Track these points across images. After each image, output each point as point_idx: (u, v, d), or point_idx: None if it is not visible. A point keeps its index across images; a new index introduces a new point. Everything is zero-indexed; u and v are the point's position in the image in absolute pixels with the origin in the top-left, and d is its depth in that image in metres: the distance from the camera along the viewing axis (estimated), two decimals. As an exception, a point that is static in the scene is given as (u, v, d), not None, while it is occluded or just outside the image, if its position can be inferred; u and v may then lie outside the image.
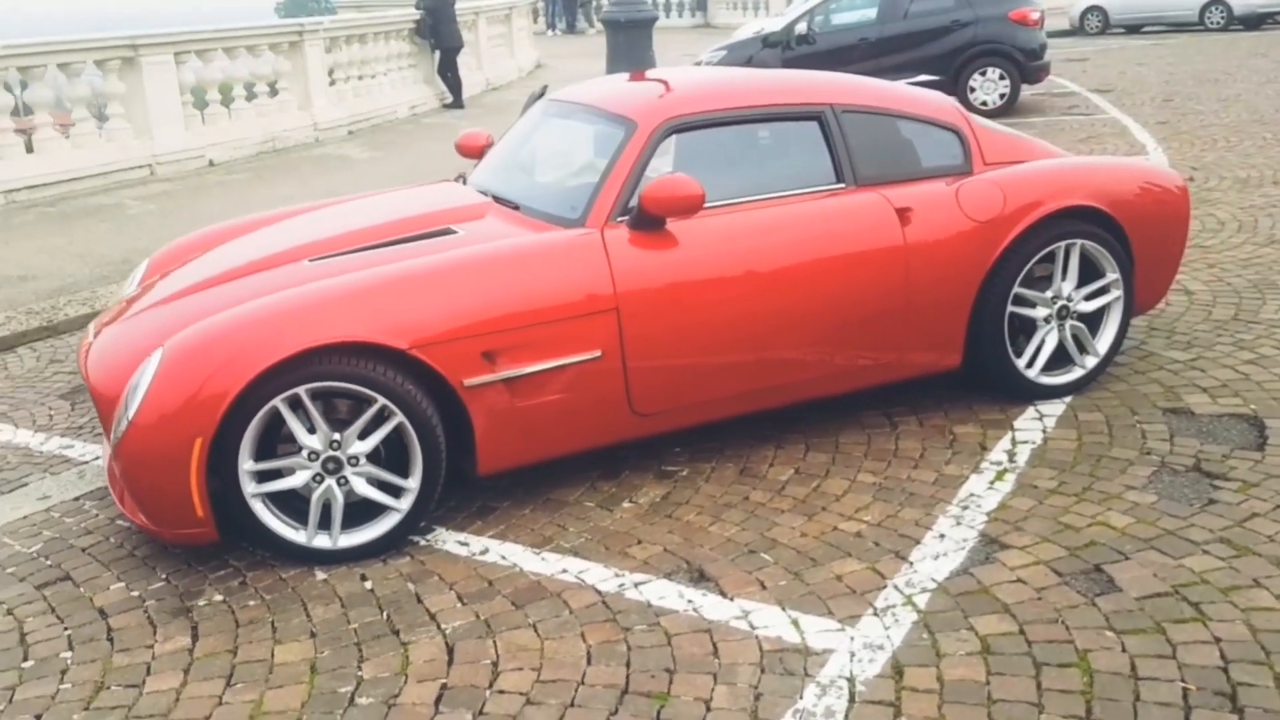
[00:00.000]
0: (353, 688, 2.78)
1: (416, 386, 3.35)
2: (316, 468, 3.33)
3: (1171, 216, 4.57)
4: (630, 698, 2.69)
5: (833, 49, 12.91)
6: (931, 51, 12.75)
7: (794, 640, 2.89)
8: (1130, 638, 2.82)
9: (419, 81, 15.33)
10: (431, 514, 3.67)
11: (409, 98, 14.72)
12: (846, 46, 12.89)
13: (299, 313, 3.28)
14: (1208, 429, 4.03)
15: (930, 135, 4.28)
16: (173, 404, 3.15)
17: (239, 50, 11.69)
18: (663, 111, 3.91)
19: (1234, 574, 3.07)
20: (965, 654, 2.80)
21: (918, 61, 12.73)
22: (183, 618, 3.15)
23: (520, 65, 20.39)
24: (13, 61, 9.40)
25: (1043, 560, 3.22)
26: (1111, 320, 4.44)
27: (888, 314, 4.02)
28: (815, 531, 3.48)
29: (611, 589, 3.20)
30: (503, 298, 3.49)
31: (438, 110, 15.26)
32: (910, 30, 12.91)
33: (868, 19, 13.11)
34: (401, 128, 13.77)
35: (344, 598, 3.22)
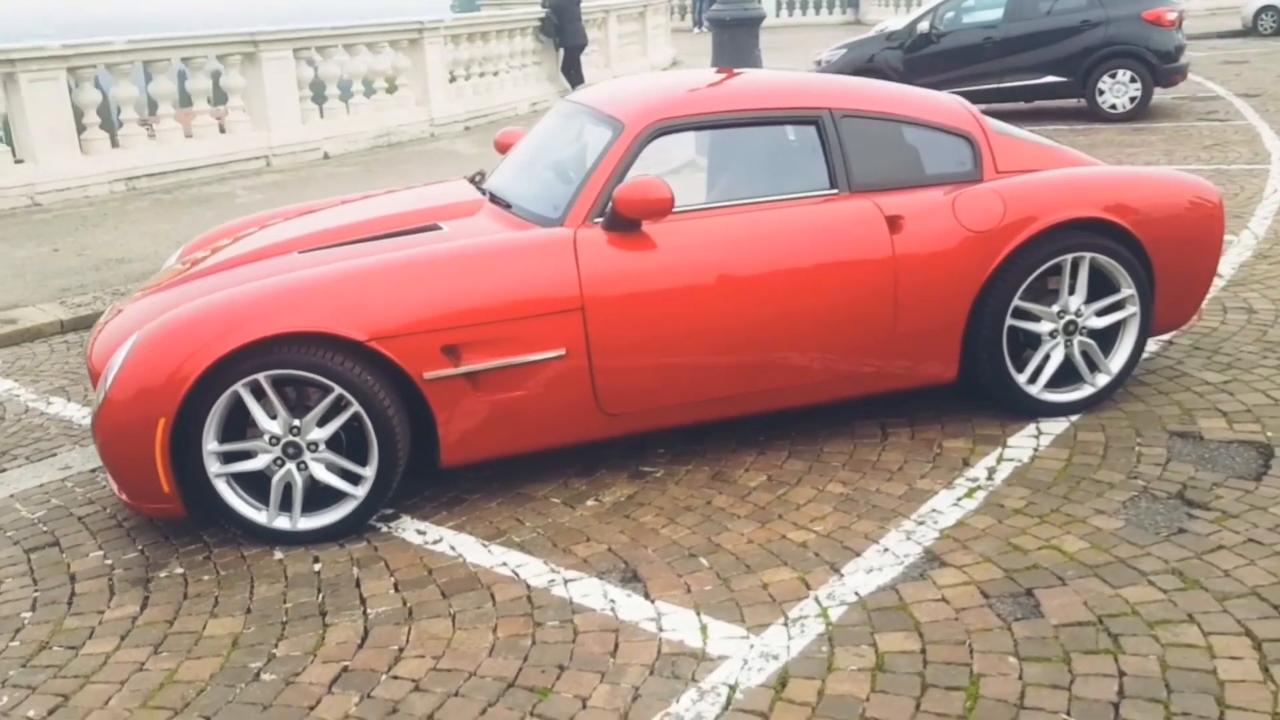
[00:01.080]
0: (262, 664, 2.94)
1: (375, 378, 3.49)
2: (277, 452, 3.51)
3: (1201, 232, 4.32)
4: (514, 690, 2.76)
5: (956, 48, 12.61)
6: (1059, 52, 12.26)
7: (695, 645, 2.91)
8: (1032, 666, 2.73)
9: (542, 79, 15.64)
10: (403, 502, 3.82)
11: (530, 94, 15.03)
12: (970, 46, 12.55)
13: (261, 303, 3.46)
14: (1210, 455, 3.82)
15: (938, 142, 4.18)
16: (139, 385, 3.38)
17: (359, 47, 12.19)
18: (651, 114, 3.94)
19: (1170, 608, 2.93)
20: (856, 669, 2.76)
21: (1044, 62, 12.28)
22: (140, 587, 3.37)
23: (653, 63, 20.53)
24: (139, 56, 10.06)
25: (976, 581, 3.13)
26: (1127, 338, 4.24)
27: (874, 323, 3.95)
28: (762, 539, 3.46)
29: (541, 584, 3.26)
30: (466, 294, 3.60)
31: (558, 107, 15.53)
32: (1038, 30, 12.43)
33: (994, 18, 12.70)
34: (519, 124, 14.07)
35: (290, 577, 3.39)
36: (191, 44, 10.54)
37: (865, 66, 12.94)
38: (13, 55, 9.21)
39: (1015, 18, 12.47)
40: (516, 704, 2.70)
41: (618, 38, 18.61)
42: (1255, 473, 3.68)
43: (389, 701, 2.74)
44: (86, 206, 9.58)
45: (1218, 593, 2.99)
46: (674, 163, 4.15)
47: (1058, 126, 11.84)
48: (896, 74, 12.65)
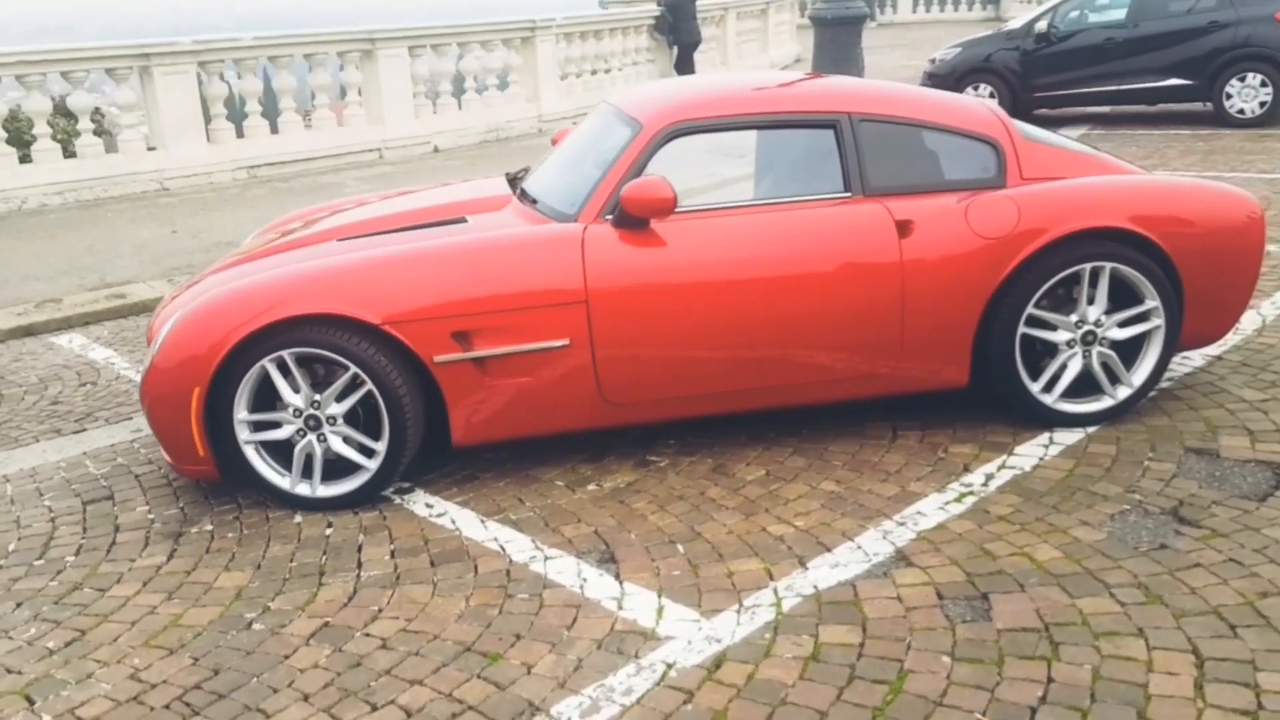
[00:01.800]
0: (256, 614, 3.21)
1: (388, 359, 3.74)
2: (299, 424, 3.80)
3: (1237, 245, 4.22)
4: (469, 654, 2.96)
5: (1076, 49, 12.27)
6: (1185, 54, 11.79)
7: (647, 625, 3.05)
8: (963, 666, 2.78)
9: (655, 76, 15.83)
10: (420, 477, 4.07)
11: (643, 91, 15.23)
12: (1091, 46, 12.19)
13: (287, 287, 3.75)
14: (1221, 474, 3.75)
15: (961, 147, 4.19)
16: (178, 357, 3.71)
17: (472, 45, 12.62)
18: (669, 115, 4.08)
19: (1122, 620, 2.93)
20: (791, 657, 2.86)
21: (1169, 64, 11.84)
22: (171, 540, 3.71)
23: (774, 59, 20.54)
24: (264, 52, 10.68)
25: (935, 582, 3.18)
26: (1151, 351, 4.18)
27: (880, 326, 4.01)
28: (742, 530, 3.58)
29: (522, 560, 3.46)
30: (476, 283, 3.81)
31: (671, 104, 15.71)
32: (1163, 30, 11.99)
33: (1117, 18, 12.30)
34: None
35: (302, 539, 3.67)
36: (313, 41, 11.12)
37: (981, 66, 12.74)
38: (148, 50, 9.91)
39: (1140, 17, 12.04)
40: (467, 666, 2.90)
41: (736, 35, 18.68)
42: (1261, 493, 3.60)
43: (356, 655, 2.97)
44: (210, 192, 10.25)
45: (1177, 609, 2.97)
46: (694, 163, 4.27)
47: (1179, 131, 11.44)
48: (1014, 75, 12.41)
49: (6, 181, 9.44)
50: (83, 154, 9.89)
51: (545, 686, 2.79)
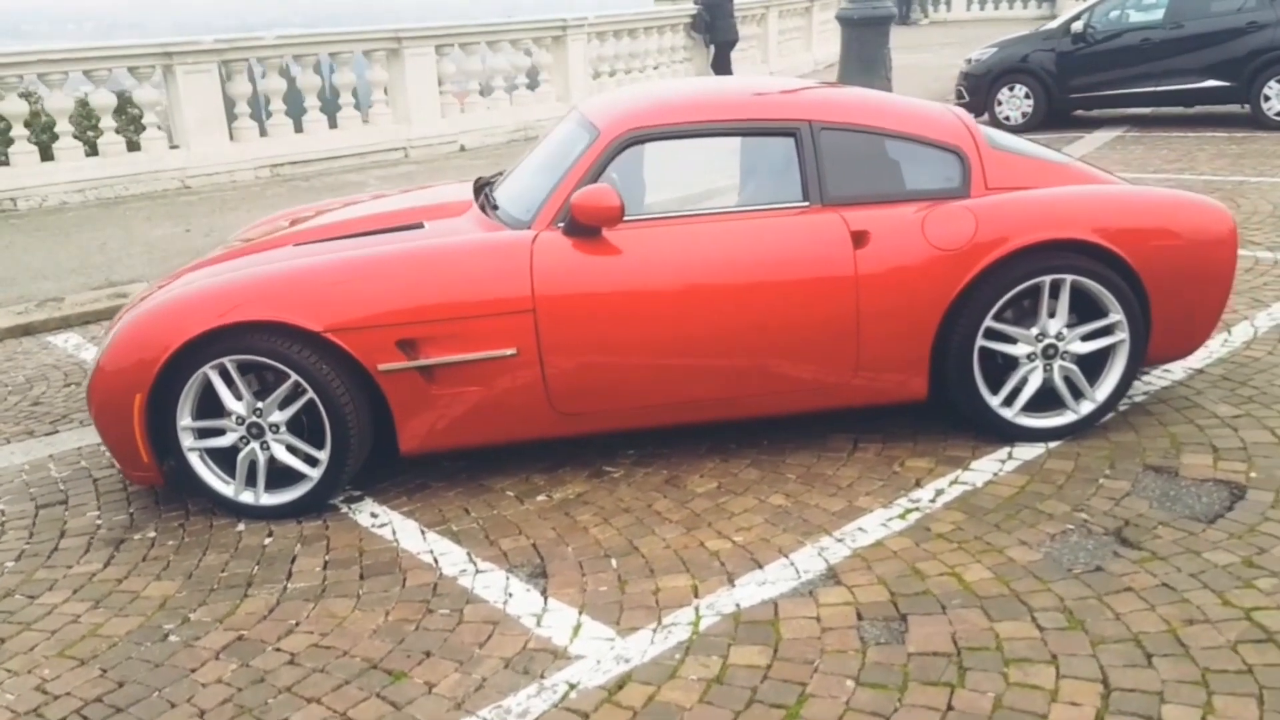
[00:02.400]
0: (175, 625, 3.24)
1: (331, 367, 3.74)
2: (242, 431, 3.82)
3: (1207, 259, 4.09)
4: (374, 672, 2.95)
5: (1113, 50, 12.00)
6: (1223, 55, 11.47)
7: (561, 643, 3.03)
8: (865, 691, 2.73)
9: (692, 74, 15.76)
10: (373, 486, 4.09)
11: (673, 89, 15.17)
12: (1128, 47, 11.91)
13: (229, 293, 3.78)
14: (1175, 493, 3.64)
15: (924, 156, 4.10)
16: (121, 361, 3.76)
17: (502, 43, 12.65)
18: (626, 122, 4.05)
19: (1039, 646, 2.86)
20: (695, 679, 2.82)
21: (1206, 65, 11.53)
22: (111, 547, 3.75)
23: (817, 58, 20.35)
24: (288, 50, 10.79)
25: (858, 602, 3.13)
26: (1115, 365, 4.07)
27: (835, 337, 3.94)
28: (679, 545, 3.54)
29: (453, 573, 3.45)
30: (422, 291, 3.81)
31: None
32: (1200, 31, 11.67)
33: (1154, 18, 12.00)
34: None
35: (239, 549, 3.70)
36: (338, 40, 11.22)
37: (1017, 67, 12.51)
38: (170, 49, 10.07)
39: (1177, 18, 11.74)
40: (368, 684, 2.90)
41: (778, 33, 18.53)
42: (1212, 515, 3.49)
43: (261, 671, 2.98)
44: (230, 190, 10.39)
45: (1096, 636, 2.89)
46: (656, 171, 4.23)
47: (1215, 133, 11.16)
48: (1050, 76, 12.18)
49: (28, 179, 9.65)
50: (105, 152, 10.07)
51: (441, 707, 2.78)
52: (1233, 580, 3.11)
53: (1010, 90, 12.48)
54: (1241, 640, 2.83)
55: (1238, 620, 2.92)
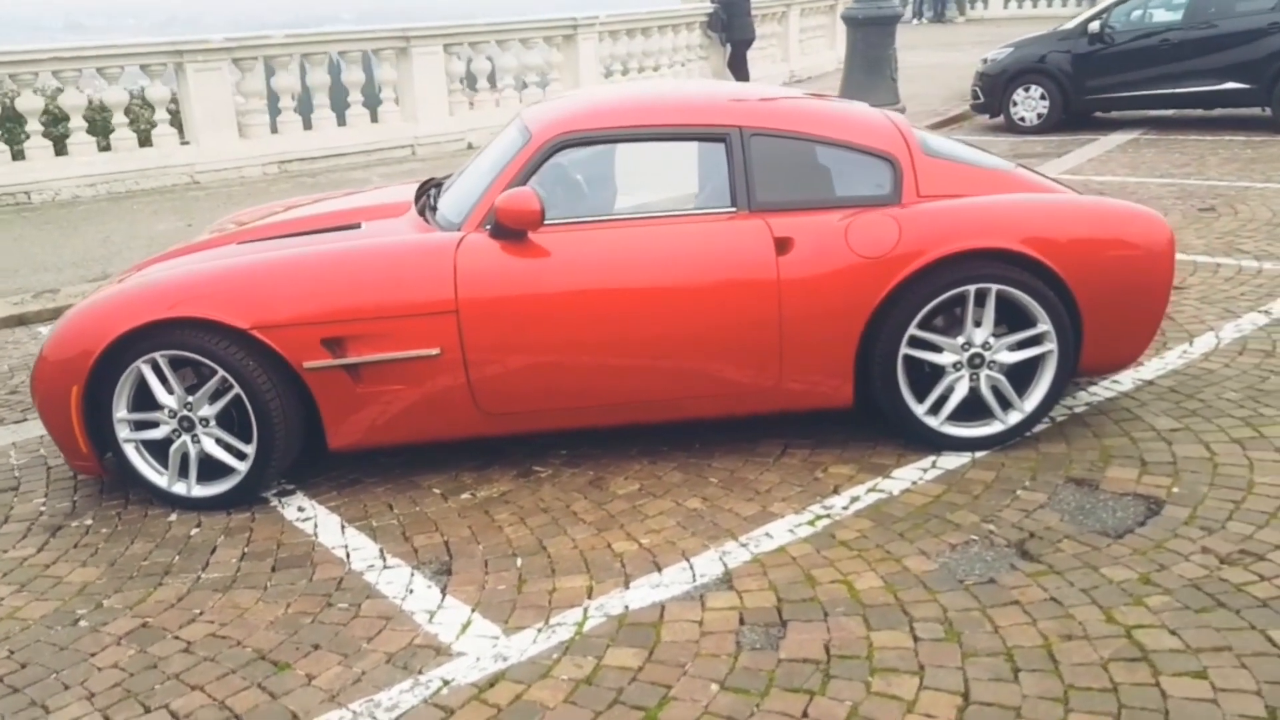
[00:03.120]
0: (87, 611, 3.34)
1: (258, 364, 3.83)
2: (174, 424, 3.92)
3: (1142, 269, 4.05)
4: (260, 663, 3.03)
5: (1130, 50, 11.85)
6: (1243, 56, 11.29)
7: (446, 640, 3.09)
8: (726, 695, 2.76)
9: (707, 74, 15.77)
10: (308, 479, 4.17)
11: (690, 88, 15.18)
12: (1146, 49, 11.76)
13: (162, 290, 3.88)
14: (1089, 507, 3.63)
15: (855, 163, 4.11)
16: (60, 354, 3.88)
17: (511, 42, 12.74)
18: (557, 126, 4.09)
19: (908, 657, 2.87)
20: (566, 679, 2.87)
21: (1225, 67, 11.35)
22: (48, 534, 3.87)
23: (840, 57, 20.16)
24: (297, 49, 10.95)
25: (744, 607, 3.15)
26: (1044, 376, 4.05)
27: (757, 343, 3.96)
28: (587, 546, 3.58)
29: (360, 568, 3.52)
30: (347, 291, 3.88)
31: (720, 101, 15.59)
32: (1221, 32, 11.49)
33: (1172, 19, 11.83)
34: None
35: (165, 539, 3.80)
36: (346, 39, 11.36)
37: (1034, 67, 12.38)
38: (180, 47, 10.26)
39: (1196, 18, 11.57)
40: (252, 675, 2.97)
41: (799, 31, 18.46)
42: (1122, 529, 3.47)
43: (155, 658, 3.07)
44: (238, 186, 10.56)
45: (969, 648, 2.89)
46: (587, 175, 4.27)
47: (1233, 137, 11.00)
48: (1066, 76, 12.05)
49: (42, 173, 9.88)
50: (117, 147, 10.28)
51: (315, 699, 2.85)
52: (1123, 597, 3.09)
53: (1026, 91, 12.36)
54: (1115, 658, 2.82)
55: (1117, 638, 2.91)
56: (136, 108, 10.68)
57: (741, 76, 15.71)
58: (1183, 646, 2.85)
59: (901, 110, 10.92)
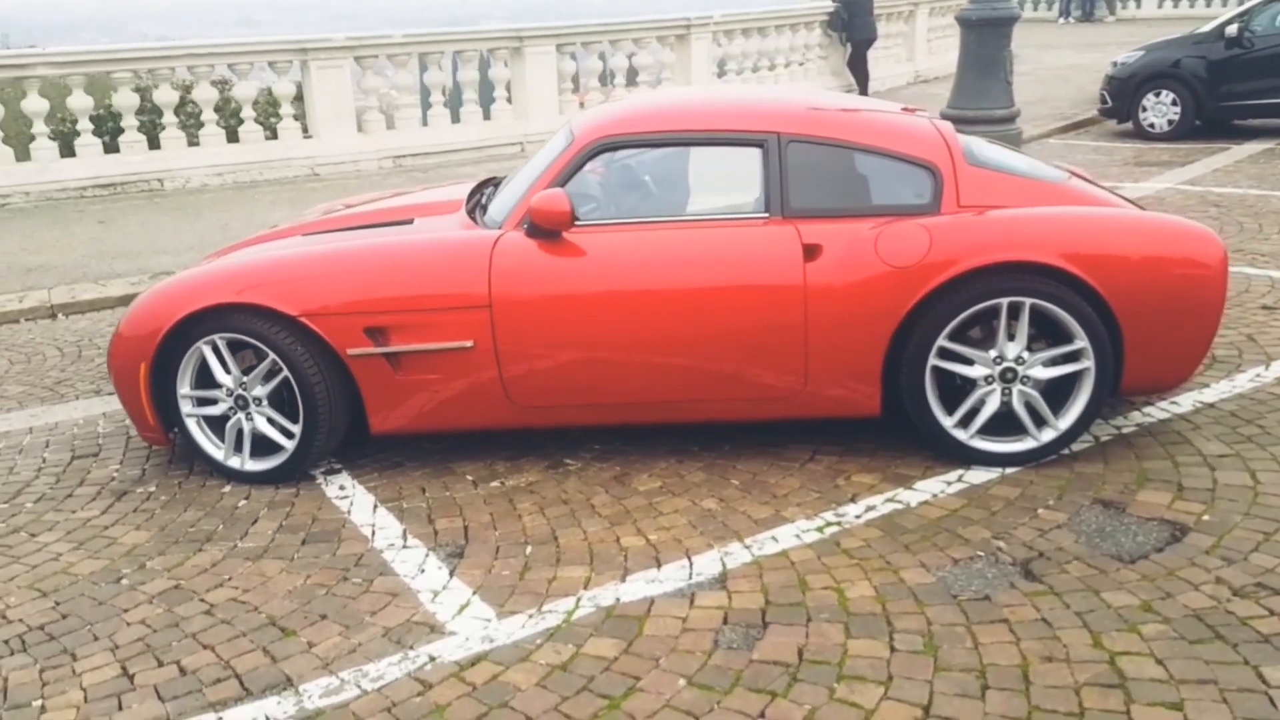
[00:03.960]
0: (131, 570, 3.62)
1: (306, 349, 4.06)
2: (230, 403, 4.18)
3: (1190, 288, 3.92)
4: (270, 628, 3.23)
5: (1271, 56, 11.29)
6: None
7: (442, 619, 3.24)
8: (691, 691, 2.83)
9: (826, 73, 15.66)
10: (355, 460, 4.39)
11: (807, 88, 15.11)
12: None
13: (223, 276, 4.15)
14: (1111, 529, 3.55)
15: (895, 171, 4.10)
16: (133, 331, 4.19)
17: (624, 42, 12.90)
18: (599, 129, 4.20)
19: (880, 667, 2.89)
20: (544, 664, 2.98)
21: None
22: (115, 498, 4.18)
23: (972, 58, 19.70)
24: (415, 48, 11.34)
25: (731, 607, 3.21)
26: (1080, 394, 3.96)
27: (783, 349, 3.99)
28: (597, 539, 3.69)
29: (381, 546, 3.71)
30: (390, 283, 4.08)
31: (839, 102, 15.45)
32: None
33: None
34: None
35: (214, 508, 4.06)
36: (463, 38, 11.71)
37: (1166, 72, 11.91)
38: (306, 45, 10.76)
39: None
40: (260, 639, 3.17)
41: (928, 31, 18.11)
42: (1137, 555, 3.38)
43: (179, 617, 3.31)
44: (354, 178, 11.01)
45: (945, 663, 2.88)
46: (629, 177, 4.37)
47: (1377, 150, 10.37)
48: (1200, 82, 11.56)
49: (175, 162, 10.52)
50: (244, 139, 10.85)
51: (310, 664, 3.03)
52: (1117, 623, 3.03)
53: (1156, 96, 11.89)
54: (1091, 683, 2.77)
55: (1099, 663, 2.85)
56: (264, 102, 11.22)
57: (861, 77, 15.54)
58: (1165, 677, 2.78)
59: (1015, 116, 10.63)
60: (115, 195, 10.24)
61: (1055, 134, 12.82)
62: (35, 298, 7.20)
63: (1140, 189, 9.15)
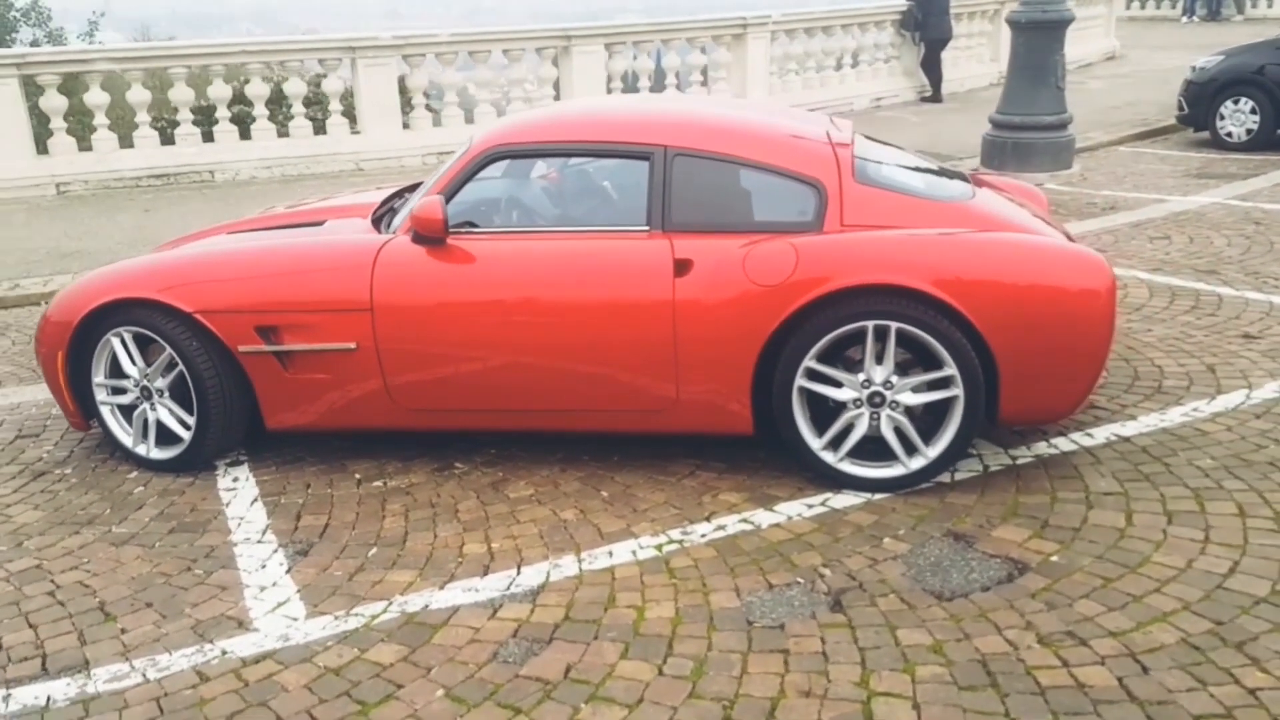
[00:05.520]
0: (7, 548, 3.83)
1: (201, 345, 4.23)
2: (136, 393, 4.38)
3: (1069, 317, 3.76)
4: (97, 611, 3.39)
5: None
6: None
7: (255, 615, 3.34)
8: (443, 703, 2.87)
9: (897, 73, 15.32)
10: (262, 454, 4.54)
11: (875, 89, 14.82)
12: None
13: (131, 271, 4.35)
14: (949, 564, 3.45)
15: (779, 188, 4.04)
16: (54, 321, 4.42)
17: (677, 41, 12.88)
18: (493, 138, 4.26)
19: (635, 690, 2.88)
20: (321, 666, 3.06)
21: None
22: (31, 479, 4.43)
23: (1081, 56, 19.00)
24: (462, 47, 11.55)
25: (528, 621, 3.24)
26: (951, 421, 3.85)
27: (654, 364, 3.98)
28: (443, 544, 3.76)
29: (238, 540, 3.85)
30: (280, 285, 4.21)
31: (909, 103, 15.14)
32: None
33: None
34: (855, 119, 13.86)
35: (111, 493, 4.27)
36: (509, 38, 11.87)
37: (1249, 78, 11.33)
38: (353, 43, 11.08)
39: None
40: (83, 620, 3.34)
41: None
42: (957, 592, 3.28)
43: (23, 595, 3.51)
44: (397, 173, 11.28)
45: (700, 691, 2.86)
46: (527, 187, 4.41)
47: None
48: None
49: (227, 155, 10.95)
50: (294, 134, 11.23)
51: (113, 650, 3.18)
52: (897, 662, 2.95)
53: (1235, 104, 11.31)
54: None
55: (853, 702, 2.79)
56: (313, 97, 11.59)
57: (934, 78, 15.18)
58: (913, 722, 2.70)
59: (1066, 123, 10.27)
60: (168, 185, 10.73)
61: (1127, 141, 12.32)
62: (59, 282, 7.61)
63: (1185, 202, 8.75)
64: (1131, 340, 5.45)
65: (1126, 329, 5.63)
